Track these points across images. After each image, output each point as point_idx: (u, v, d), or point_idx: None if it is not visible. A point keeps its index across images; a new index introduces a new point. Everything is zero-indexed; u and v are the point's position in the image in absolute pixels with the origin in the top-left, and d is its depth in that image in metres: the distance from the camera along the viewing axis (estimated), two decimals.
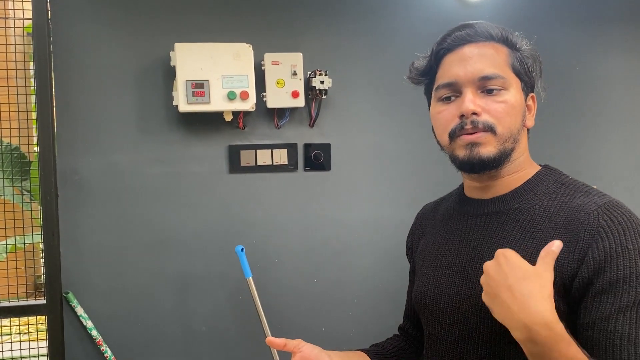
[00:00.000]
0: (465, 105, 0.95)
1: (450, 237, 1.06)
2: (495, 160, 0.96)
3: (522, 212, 0.98)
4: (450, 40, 0.99)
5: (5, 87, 2.11)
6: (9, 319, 2.50)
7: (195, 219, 2.18)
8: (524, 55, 1.01)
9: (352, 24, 2.25)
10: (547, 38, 2.46)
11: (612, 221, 0.88)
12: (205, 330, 2.19)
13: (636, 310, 0.84)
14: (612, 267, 0.85)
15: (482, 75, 0.95)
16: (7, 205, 2.30)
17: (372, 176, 2.32)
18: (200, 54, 2.03)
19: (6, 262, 2.40)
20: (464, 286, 0.99)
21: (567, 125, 2.50)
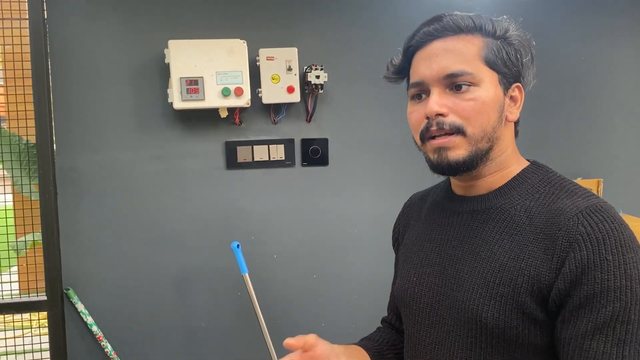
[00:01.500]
0: (429, 106, 0.90)
1: (432, 234, 1.03)
2: (466, 164, 0.91)
3: (502, 212, 0.93)
4: (417, 37, 0.94)
5: (23, 86, 2.12)
6: (20, 315, 2.53)
7: (193, 215, 2.19)
8: (507, 42, 0.93)
9: (347, 18, 2.23)
10: (554, 28, 2.41)
11: (592, 228, 0.82)
12: (204, 326, 2.21)
13: (615, 326, 0.79)
14: (589, 280, 0.80)
15: (448, 72, 0.90)
16: (27, 202, 2.31)
17: (370, 170, 2.30)
18: (194, 50, 2.03)
19: (25, 258, 2.44)
20: (443, 286, 0.96)
21: (573, 117, 2.45)
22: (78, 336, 2.12)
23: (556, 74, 2.43)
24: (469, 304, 0.90)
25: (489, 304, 0.87)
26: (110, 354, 2.11)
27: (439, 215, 1.04)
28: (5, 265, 2.20)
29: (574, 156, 2.46)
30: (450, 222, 1.00)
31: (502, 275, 0.87)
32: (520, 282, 0.85)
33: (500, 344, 0.87)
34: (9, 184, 2.43)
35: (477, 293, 0.89)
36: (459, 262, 0.94)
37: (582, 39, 2.44)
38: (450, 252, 0.97)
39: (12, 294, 2.13)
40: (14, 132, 2.35)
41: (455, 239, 0.98)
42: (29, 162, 2.47)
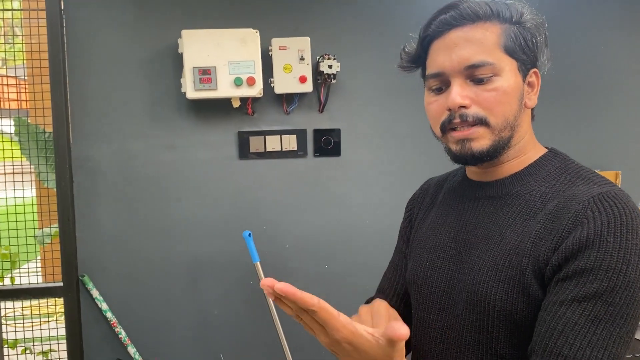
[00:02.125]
0: (451, 98, 0.89)
1: (447, 219, 1.02)
2: (490, 153, 0.91)
3: (518, 198, 0.93)
4: (434, 26, 0.92)
5: (42, 82, 2.17)
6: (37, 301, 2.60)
7: (205, 204, 2.21)
8: (523, 27, 0.92)
9: (360, 7, 2.22)
10: (572, 17, 2.36)
11: (600, 212, 0.81)
12: (216, 313, 2.23)
13: (595, 303, 0.77)
14: (583, 257, 0.79)
15: (469, 64, 0.88)
16: (50, 193, 2.36)
17: (383, 161, 2.29)
18: (207, 40, 2.04)
19: (51, 246, 2.49)
20: (456, 271, 0.95)
21: (592, 108, 2.41)
22: (93, 322, 2.16)
23: (575, 63, 2.38)
24: (478, 287, 0.90)
25: (497, 287, 0.87)
26: (124, 340, 2.15)
27: (455, 201, 1.04)
28: (32, 253, 2.26)
29: (592, 148, 2.42)
30: (465, 207, 1.00)
31: (511, 258, 0.87)
32: (525, 264, 0.85)
33: (506, 326, 0.87)
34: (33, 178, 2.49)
35: (486, 276, 0.89)
36: (472, 247, 0.94)
37: (602, 27, 2.39)
38: (464, 237, 0.97)
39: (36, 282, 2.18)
40: (38, 125, 2.40)
41: (470, 224, 0.97)
42: (50, 152, 2.53)
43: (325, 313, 0.69)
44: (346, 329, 0.70)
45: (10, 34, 2.69)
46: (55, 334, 2.25)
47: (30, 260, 2.35)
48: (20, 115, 2.61)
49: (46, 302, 2.55)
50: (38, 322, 2.39)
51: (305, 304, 0.68)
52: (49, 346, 2.23)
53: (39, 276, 2.22)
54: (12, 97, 2.80)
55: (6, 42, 2.73)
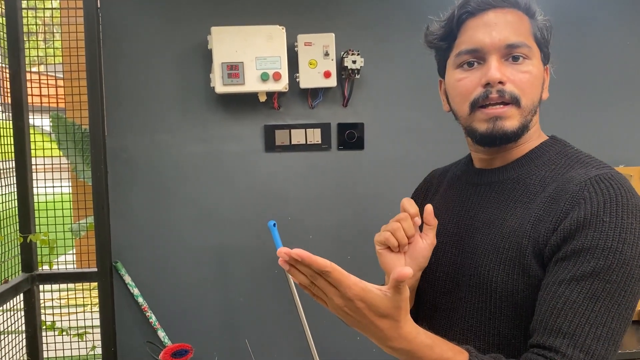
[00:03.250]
0: (491, 72, 0.91)
1: (450, 206, 1.07)
2: (517, 134, 0.94)
3: (518, 182, 0.96)
4: (474, 4, 0.94)
5: (79, 79, 2.28)
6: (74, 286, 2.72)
7: (233, 195, 2.29)
8: (541, 24, 0.97)
9: (384, 3, 2.27)
10: (597, 14, 2.37)
11: (596, 192, 0.84)
12: (242, 301, 2.31)
13: (592, 281, 0.80)
14: (580, 237, 0.82)
15: (509, 42, 0.91)
16: (87, 187, 2.47)
17: (405, 155, 2.34)
18: (235, 36, 2.12)
19: (87, 238, 2.61)
20: (459, 256, 0.99)
21: (615, 103, 2.40)
22: (125, 306, 2.27)
23: (599, 59, 2.38)
24: (480, 270, 0.94)
25: (498, 268, 0.91)
26: (154, 324, 2.24)
27: (458, 188, 1.08)
28: (69, 247, 2.38)
29: (615, 143, 2.42)
30: (468, 193, 1.04)
31: (511, 240, 0.90)
32: (525, 245, 0.88)
33: (508, 307, 0.90)
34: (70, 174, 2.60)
35: (487, 259, 0.93)
36: (474, 232, 0.98)
37: (627, 23, 2.38)
38: (467, 222, 1.00)
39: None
40: (75, 121, 2.52)
41: (472, 210, 1.01)
42: (87, 148, 2.64)
43: (338, 273, 0.75)
44: (357, 286, 0.75)
45: (50, 32, 2.81)
46: (90, 321, 2.36)
47: (67, 253, 2.47)
48: (57, 112, 2.73)
49: (82, 292, 2.68)
50: (74, 310, 2.51)
51: (319, 266, 0.74)
52: (84, 329, 2.34)
53: (75, 264, 2.33)
54: (51, 95, 2.93)
55: (45, 40, 2.85)
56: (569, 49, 2.37)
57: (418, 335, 0.79)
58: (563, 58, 2.37)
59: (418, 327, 0.80)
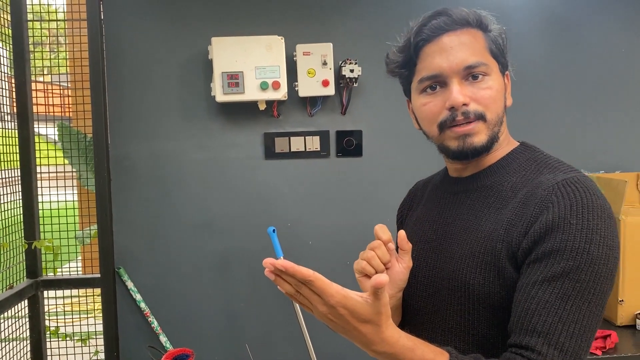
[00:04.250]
0: (454, 97, 0.95)
1: (430, 214, 1.11)
2: (487, 147, 0.98)
3: (492, 189, 1.00)
4: (428, 31, 0.98)
5: (82, 88, 2.34)
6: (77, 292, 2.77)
7: (233, 202, 2.33)
8: (495, 35, 1.01)
9: (381, 13, 2.31)
10: (593, 20, 2.41)
11: (563, 196, 0.88)
12: (242, 306, 2.34)
13: (563, 281, 0.84)
14: (550, 239, 0.86)
15: (467, 64, 0.95)
16: (91, 195, 2.52)
17: (403, 161, 2.37)
18: (235, 47, 2.17)
19: (90, 246, 2.65)
20: (438, 261, 1.03)
21: (613, 109, 2.44)
22: (128, 312, 2.30)
23: (595, 65, 2.42)
24: (458, 274, 0.97)
25: (475, 272, 0.94)
26: (156, 329, 2.28)
27: (437, 196, 1.13)
28: (73, 254, 2.42)
29: (613, 149, 2.44)
30: (446, 201, 1.08)
31: (486, 244, 0.94)
32: (499, 249, 0.92)
33: (486, 309, 0.94)
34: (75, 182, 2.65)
35: (464, 263, 0.97)
36: (451, 238, 1.02)
37: (622, 30, 2.42)
38: (444, 229, 1.05)
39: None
40: (80, 130, 2.57)
41: (449, 217, 1.05)
42: (92, 157, 2.69)
43: (320, 282, 0.78)
44: (339, 294, 0.78)
45: (55, 43, 2.88)
46: (93, 327, 2.40)
47: (71, 260, 2.52)
48: (63, 121, 2.79)
49: (85, 298, 2.72)
50: (78, 316, 2.56)
51: (303, 276, 0.77)
52: (88, 334, 2.38)
53: (79, 269, 2.37)
54: (56, 104, 2.99)
55: (51, 51, 2.92)
56: (565, 56, 2.41)
57: (400, 339, 0.82)
58: (559, 64, 2.41)
59: (400, 331, 0.83)
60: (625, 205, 2.09)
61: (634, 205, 2.30)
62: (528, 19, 2.38)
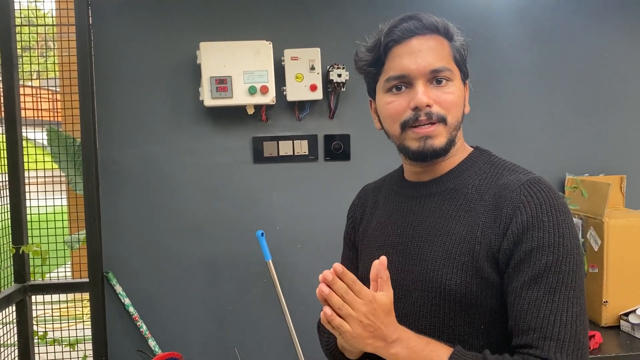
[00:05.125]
0: (419, 97, 0.98)
1: (392, 218, 1.12)
2: (445, 149, 1.02)
3: (456, 192, 1.04)
4: (399, 32, 1.01)
5: (71, 93, 2.34)
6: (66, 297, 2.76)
7: (222, 206, 2.34)
8: (458, 45, 1.05)
9: (368, 19, 2.33)
10: (575, 25, 2.44)
11: (531, 196, 0.94)
12: (231, 309, 2.35)
13: (547, 276, 0.90)
14: (527, 238, 0.92)
15: (433, 68, 0.99)
16: (80, 200, 2.49)
17: (390, 165, 2.35)
18: (223, 51, 2.18)
19: (79, 251, 2.64)
20: (406, 263, 1.05)
21: (596, 113, 2.47)
22: (117, 316, 2.30)
23: (578, 70, 2.46)
24: (432, 275, 1.00)
25: (452, 272, 0.97)
26: (144, 333, 2.28)
27: (397, 201, 1.14)
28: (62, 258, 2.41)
29: (597, 152, 2.48)
30: (409, 206, 1.11)
31: (462, 246, 0.98)
32: (477, 250, 0.96)
33: (462, 307, 0.97)
34: (65, 187, 2.65)
35: (439, 264, 0.99)
36: (420, 240, 1.05)
37: (604, 35, 2.46)
38: (411, 232, 1.07)
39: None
40: (69, 135, 2.57)
41: (415, 220, 1.08)
42: (80, 161, 2.69)
43: (359, 282, 0.89)
44: (369, 290, 0.90)
45: (44, 48, 2.88)
46: (81, 332, 2.39)
47: (60, 265, 2.51)
48: (52, 125, 2.78)
49: (74, 303, 2.72)
50: (66, 322, 2.55)
51: (352, 278, 0.88)
52: (76, 339, 2.37)
53: (67, 272, 2.37)
54: (46, 109, 2.99)
55: (40, 55, 2.92)
56: (549, 61, 2.44)
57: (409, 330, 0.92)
58: (543, 69, 2.45)
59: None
60: (609, 207, 2.12)
61: (618, 208, 2.34)
62: (512, 25, 2.41)
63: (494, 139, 2.18)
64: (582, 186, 2.17)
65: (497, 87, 2.40)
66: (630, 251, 2.02)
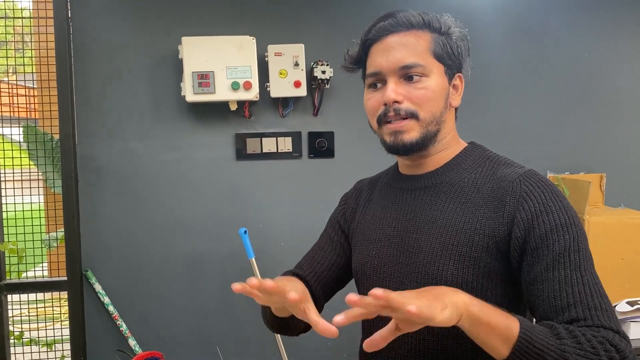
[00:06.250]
0: (387, 94, 1.02)
1: (387, 212, 1.13)
2: (419, 144, 1.04)
3: (452, 185, 1.05)
4: (374, 31, 1.05)
5: (49, 88, 2.28)
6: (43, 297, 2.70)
7: (204, 203, 2.31)
8: (450, 38, 1.06)
9: (352, 15, 2.33)
10: (557, 25, 2.47)
11: (533, 186, 0.97)
12: (213, 308, 2.32)
13: (569, 254, 0.92)
14: (539, 223, 0.94)
15: (403, 64, 1.01)
16: (58, 199, 2.43)
17: (374, 162, 2.35)
18: (206, 46, 2.15)
19: (57, 249, 2.58)
20: (401, 256, 1.06)
21: (576, 112, 2.50)
22: (95, 315, 2.26)
23: (559, 70, 2.48)
24: (430, 267, 1.00)
25: (449, 263, 0.98)
26: (124, 332, 2.24)
27: (392, 194, 1.15)
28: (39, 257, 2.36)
29: (577, 151, 2.51)
30: (403, 199, 1.12)
31: (460, 237, 0.99)
32: (476, 241, 0.97)
33: None
34: (42, 184, 2.59)
35: (437, 256, 1.00)
36: (416, 233, 1.05)
37: (585, 35, 2.49)
38: (406, 225, 1.08)
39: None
40: (46, 131, 2.51)
41: (410, 213, 1.08)
42: (58, 159, 2.63)
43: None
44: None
45: (20, 41, 2.81)
46: (59, 331, 2.34)
47: (37, 264, 2.46)
48: (29, 123, 2.72)
49: (52, 302, 2.65)
50: (44, 321, 2.48)
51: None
52: (54, 339, 2.32)
53: (44, 271, 2.32)
54: (22, 105, 2.92)
55: (16, 49, 2.85)
56: (530, 60, 2.46)
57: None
58: (525, 68, 2.47)
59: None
60: (590, 205, 2.15)
61: (598, 206, 2.37)
62: (494, 24, 2.43)
63: (474, 136, 2.20)
64: (563, 184, 2.19)
65: (478, 85, 2.41)
66: (610, 248, 2.05)
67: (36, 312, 2.61)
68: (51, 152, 2.52)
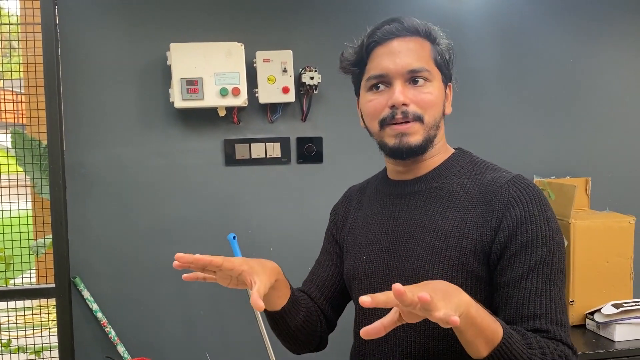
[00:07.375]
0: (395, 96, 1.03)
1: (377, 217, 1.15)
2: (422, 147, 1.06)
3: (441, 190, 1.08)
4: (380, 34, 1.07)
5: (37, 94, 2.28)
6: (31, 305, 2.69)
7: (193, 209, 2.31)
8: (442, 48, 1.09)
9: (340, 22, 2.34)
10: (541, 31, 2.50)
11: (521, 192, 1.00)
12: (202, 314, 2.32)
13: (543, 267, 0.96)
14: (522, 232, 0.97)
15: (411, 68, 1.04)
16: (46, 205, 2.41)
17: (363, 167, 2.36)
18: (194, 53, 2.16)
19: (45, 256, 2.57)
20: (392, 260, 1.08)
21: (561, 116, 2.53)
22: (84, 322, 2.24)
23: (544, 75, 2.51)
24: (419, 270, 1.02)
25: (438, 267, 1.00)
26: (113, 339, 2.23)
27: (382, 200, 1.17)
28: (27, 264, 2.35)
29: (562, 155, 2.54)
30: (394, 204, 1.13)
31: (448, 241, 1.01)
32: (464, 245, 1.00)
33: None
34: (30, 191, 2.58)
35: (425, 259, 1.02)
36: (406, 237, 1.07)
37: (570, 41, 2.52)
38: (396, 229, 1.09)
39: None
40: (34, 137, 2.50)
41: (401, 218, 1.10)
42: (46, 164, 2.62)
43: (228, 263, 0.94)
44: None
45: (7, 47, 2.80)
46: (47, 339, 2.33)
47: (25, 271, 2.45)
48: (17, 128, 2.71)
49: (39, 310, 2.64)
50: (31, 328, 2.47)
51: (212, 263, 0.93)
52: (42, 347, 2.31)
53: (32, 278, 2.31)
54: (10, 111, 2.91)
55: (3, 55, 2.84)
56: (516, 65, 2.49)
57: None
58: (511, 73, 2.49)
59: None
60: (575, 209, 2.17)
61: (583, 210, 2.40)
62: (481, 29, 2.45)
63: (459, 142, 2.23)
64: (549, 188, 2.22)
65: (463, 90, 2.42)
66: (596, 251, 2.08)
67: (24, 320, 2.60)
68: (39, 158, 2.51)
